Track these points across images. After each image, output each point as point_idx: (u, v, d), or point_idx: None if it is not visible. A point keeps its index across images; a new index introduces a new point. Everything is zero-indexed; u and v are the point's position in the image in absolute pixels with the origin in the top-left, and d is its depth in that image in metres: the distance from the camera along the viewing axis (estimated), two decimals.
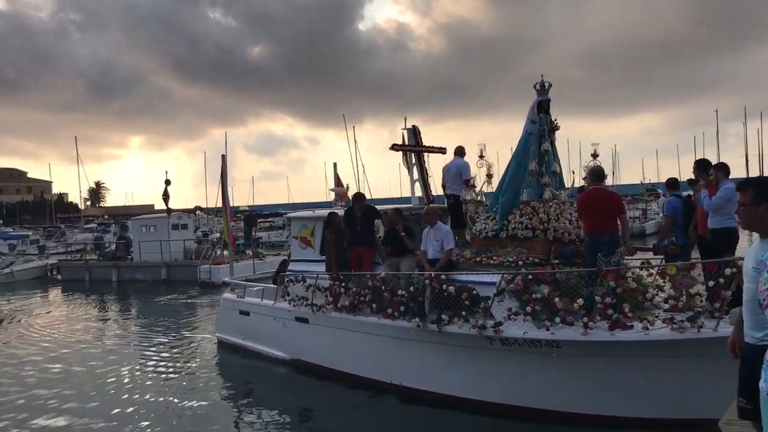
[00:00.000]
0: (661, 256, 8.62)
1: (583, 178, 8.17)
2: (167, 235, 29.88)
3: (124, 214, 69.16)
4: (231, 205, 62.88)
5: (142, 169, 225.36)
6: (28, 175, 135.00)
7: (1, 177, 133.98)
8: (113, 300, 24.64)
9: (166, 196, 33.07)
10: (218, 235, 33.07)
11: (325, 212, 11.24)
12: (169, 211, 32.15)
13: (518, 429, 7.98)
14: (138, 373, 11.60)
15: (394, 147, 11.52)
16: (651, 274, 7.67)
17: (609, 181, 66.77)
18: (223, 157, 15.86)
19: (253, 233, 42.14)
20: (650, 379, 7.39)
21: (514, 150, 9.32)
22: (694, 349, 7.04)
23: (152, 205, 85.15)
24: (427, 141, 12.11)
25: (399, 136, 11.93)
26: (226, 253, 30.42)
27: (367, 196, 12.37)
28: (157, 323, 17.25)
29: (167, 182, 33.25)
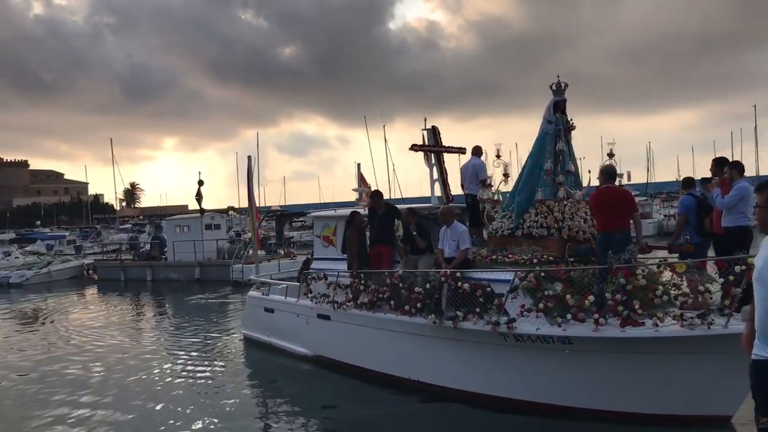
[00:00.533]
0: (676, 255, 8.74)
1: (597, 178, 8.36)
2: (201, 235, 30.70)
3: (158, 215, 70.65)
4: (263, 204, 63.49)
5: (176, 170, 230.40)
6: (65, 177, 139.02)
7: (39, 179, 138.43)
8: (147, 299, 25.49)
9: (199, 197, 33.91)
10: (250, 234, 33.67)
11: (346, 212, 11.61)
12: (202, 211, 32.93)
13: (532, 424, 8.18)
14: (167, 368, 12.11)
15: (414, 147, 11.84)
16: (662, 273, 7.83)
17: (644, 179, 66.11)
18: (249, 158, 16.39)
19: (285, 233, 42.86)
20: (662, 375, 7.54)
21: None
22: (705, 346, 7.19)
23: (186, 206, 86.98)
24: (458, 139, 12.44)
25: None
26: (259, 252, 31.15)
27: (398, 196, 12.75)
28: (188, 321, 17.89)
29: (200, 183, 34.10)
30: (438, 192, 12.33)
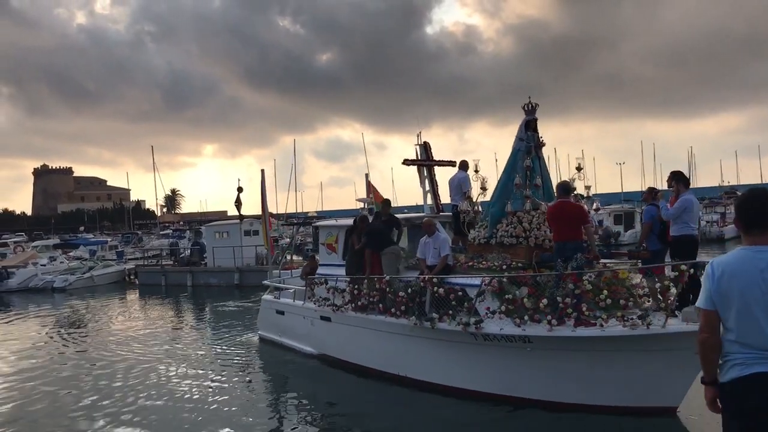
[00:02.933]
0: (634, 260, 9.88)
1: (555, 192, 9.58)
2: (240, 240, 32.14)
3: (198, 221, 73.28)
4: (300, 211, 65.30)
5: (215, 177, 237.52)
6: (108, 183, 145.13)
7: (83, 185, 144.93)
8: (186, 304, 27.35)
9: (238, 203, 35.59)
10: (288, 240, 35.05)
11: (347, 221, 13.08)
12: (241, 217, 34.53)
13: (501, 415, 9.39)
14: (191, 364, 13.77)
15: (406, 162, 13.23)
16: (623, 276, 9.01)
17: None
18: (263, 171, 18.26)
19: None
20: (612, 370, 8.72)
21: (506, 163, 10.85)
22: (647, 344, 8.35)
23: (225, 212, 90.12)
24: (495, 144, 13.71)
25: (467, 140, 13.89)
26: (296, 258, 32.47)
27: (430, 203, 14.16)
28: (220, 324, 19.76)
29: (239, 189, 35.77)
30: (430, 202, 13.70)
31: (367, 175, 16.79)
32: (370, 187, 15.88)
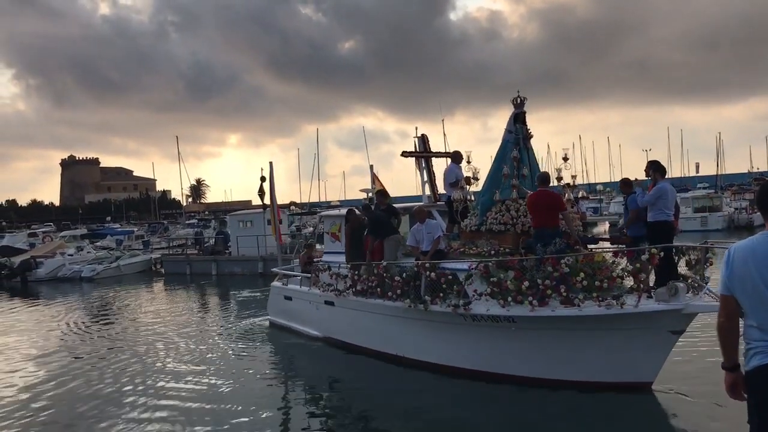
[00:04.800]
0: (615, 245, 10.61)
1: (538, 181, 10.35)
2: (263, 230, 32.42)
3: (223, 210, 74.74)
4: (323, 200, 66.57)
5: (239, 166, 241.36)
6: (134, 174, 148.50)
7: (109, 176, 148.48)
8: (210, 292, 28.39)
9: (261, 193, 36.52)
10: (311, 229, 35.96)
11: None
12: (264, 206, 35.45)
13: (489, 391, 10.18)
14: (203, 348, 14.81)
15: (405, 154, 14.07)
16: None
17: (713, 170, 65.68)
18: (271, 164, 19.49)
19: None
20: (591, 347, 9.49)
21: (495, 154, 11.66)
22: (622, 322, 9.10)
23: (250, 201, 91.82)
24: None
25: (491, 127, 14.53)
26: (319, 246, 33.23)
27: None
28: (237, 310, 20.92)
29: (262, 179, 36.75)
30: (428, 192, 14.54)
31: (371, 167, 17.64)
32: (375, 178, 16.68)
